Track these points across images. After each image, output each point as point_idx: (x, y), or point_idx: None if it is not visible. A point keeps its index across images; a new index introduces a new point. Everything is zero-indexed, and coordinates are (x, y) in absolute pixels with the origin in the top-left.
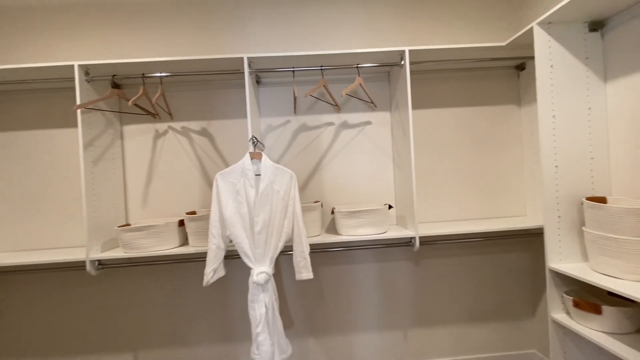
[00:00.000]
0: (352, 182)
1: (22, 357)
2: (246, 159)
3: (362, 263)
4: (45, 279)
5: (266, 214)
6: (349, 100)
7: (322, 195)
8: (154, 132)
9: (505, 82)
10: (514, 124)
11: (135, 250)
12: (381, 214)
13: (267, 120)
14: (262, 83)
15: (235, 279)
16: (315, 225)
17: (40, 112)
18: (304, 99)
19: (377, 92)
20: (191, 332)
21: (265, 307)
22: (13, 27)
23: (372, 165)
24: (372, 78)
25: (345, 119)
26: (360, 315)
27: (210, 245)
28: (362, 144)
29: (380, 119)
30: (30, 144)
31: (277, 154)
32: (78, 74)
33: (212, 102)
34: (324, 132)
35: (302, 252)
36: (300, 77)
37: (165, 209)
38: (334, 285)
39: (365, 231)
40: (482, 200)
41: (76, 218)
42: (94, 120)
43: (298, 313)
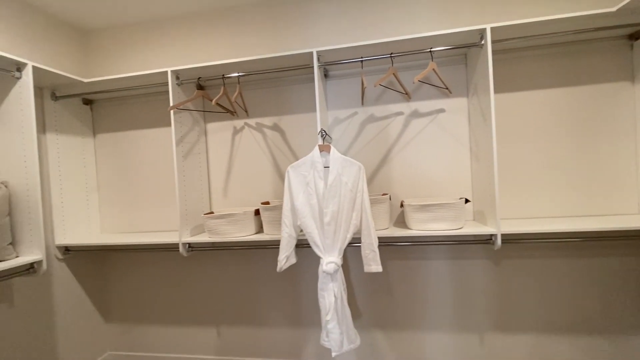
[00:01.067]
0: (422, 174)
1: (124, 320)
2: (315, 151)
3: (435, 259)
4: (145, 257)
5: (335, 205)
6: (419, 88)
7: (390, 188)
8: (233, 129)
9: (614, 55)
10: (624, 104)
11: (218, 236)
12: (456, 208)
13: (335, 112)
14: (330, 76)
15: (306, 267)
16: (383, 219)
17: (140, 114)
18: (371, 90)
19: (452, 77)
20: (265, 314)
21: (334, 296)
22: (118, 43)
23: (446, 156)
24: (446, 62)
25: (415, 108)
26: (432, 313)
27: (282, 234)
28: (435, 134)
29: (456, 106)
30: (133, 142)
31: (344, 147)
32: (171, 78)
33: (283, 98)
34: (392, 123)
35: (370, 245)
36: (368, 67)
37: (243, 199)
38: (403, 280)
39: (438, 226)
40: (579, 195)
41: (171, 206)
42: (184, 119)
43: (365, 305)
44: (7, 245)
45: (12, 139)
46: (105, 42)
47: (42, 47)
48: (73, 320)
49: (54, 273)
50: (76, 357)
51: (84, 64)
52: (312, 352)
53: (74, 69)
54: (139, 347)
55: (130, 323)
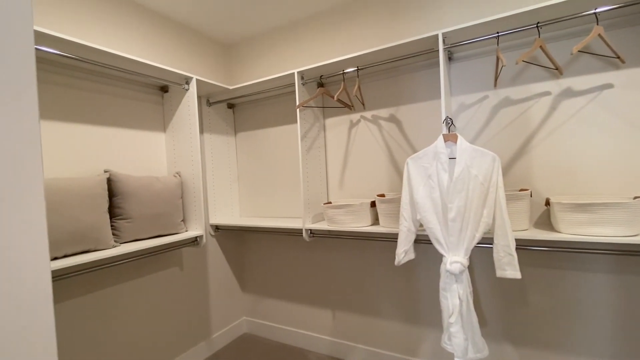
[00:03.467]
0: (575, 166)
1: (256, 292)
2: (439, 141)
3: (588, 271)
4: (275, 239)
5: (461, 200)
6: (575, 60)
7: (529, 183)
8: (349, 123)
9: None
10: None
11: (336, 225)
12: (631, 209)
13: (459, 98)
14: (454, 59)
15: (424, 264)
16: (522, 218)
17: (271, 114)
18: (507, 69)
19: (626, 43)
20: (378, 305)
21: (459, 298)
22: (252, 53)
23: (609, 143)
24: (614, 25)
25: (568, 85)
26: (581, 333)
27: (401, 227)
28: (595, 116)
29: (630, 79)
30: (266, 139)
31: (470, 136)
32: (297, 79)
33: (401, 87)
34: (534, 105)
35: (506, 247)
36: (503, 43)
37: (358, 191)
38: (543, 291)
39: (600, 231)
40: None
41: (296, 195)
42: (307, 116)
43: (493, 313)
44: (180, 221)
45: (184, 138)
46: (243, 53)
47: (199, 62)
48: (220, 286)
49: (208, 246)
50: (221, 317)
51: (228, 73)
52: (430, 352)
53: (220, 78)
54: (267, 317)
55: (261, 295)
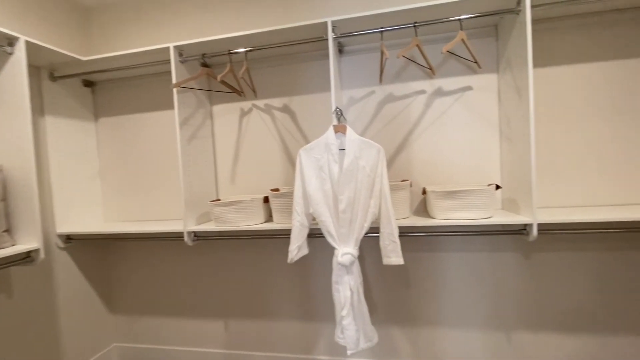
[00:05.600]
0: (445, 159)
1: (130, 311)
2: (330, 132)
3: (458, 251)
4: (151, 247)
5: (351, 191)
6: (444, 64)
7: (410, 174)
8: (240, 111)
9: None
10: None
11: (226, 224)
12: (486, 195)
13: (349, 92)
14: (345, 52)
15: (319, 258)
16: (404, 207)
17: (143, 97)
18: (390, 66)
19: (481, 51)
20: (275, 307)
21: (350, 290)
22: (120, 21)
23: (472, 138)
24: (473, 35)
25: (439, 86)
26: (454, 309)
27: (294, 222)
28: (460, 114)
29: (484, 83)
30: (137, 126)
31: (359, 129)
32: (173, 55)
33: (294, 77)
34: (413, 102)
35: (390, 235)
36: (388, 41)
37: (251, 186)
38: (423, 273)
39: (465, 215)
40: (626, 182)
41: (177, 193)
42: (187, 100)
43: (382, 299)
44: (2, 232)
45: (7, 119)
46: (107, 20)
47: (38, 23)
48: (77, 311)
49: (55, 262)
50: (80, 349)
51: (85, 43)
52: (325, 348)
53: (73, 48)
54: (146, 339)
55: (136, 314)
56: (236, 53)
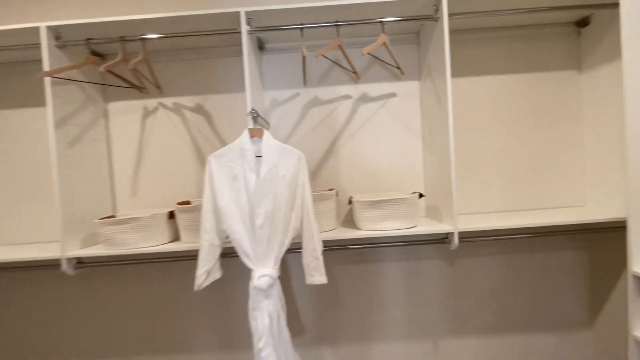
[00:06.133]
0: (372, 166)
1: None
2: (244, 137)
3: (385, 262)
4: (15, 279)
5: (269, 204)
6: (369, 69)
7: (337, 182)
8: (143, 110)
9: (562, 42)
10: (572, 93)
11: (118, 247)
12: (410, 204)
13: (272, 93)
14: (266, 49)
15: (237, 279)
16: (329, 218)
17: (7, 88)
18: (314, 67)
19: (404, 58)
20: (187, 339)
21: (269, 316)
22: None
23: (397, 145)
24: (397, 41)
25: (364, 91)
26: (383, 322)
27: (202, 242)
28: (385, 121)
29: (407, 90)
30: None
31: (283, 134)
32: (46, 38)
33: (209, 73)
34: (339, 107)
35: (313, 251)
36: (311, 41)
37: (158, 199)
38: (351, 287)
39: (390, 225)
40: (533, 188)
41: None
42: (69, 94)
43: (310, 318)
44: None
45: None
46: None
47: None
48: None
49: None
50: None
51: None
52: None
53: None
54: None
55: None
56: (132, 40)
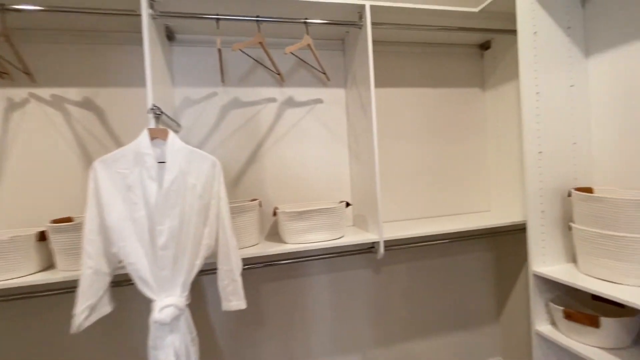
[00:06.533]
0: (299, 174)
1: None
2: (143, 138)
3: (310, 276)
4: None
5: (175, 219)
6: (295, 72)
7: (261, 192)
8: (6, 102)
9: (469, 62)
10: (477, 109)
11: None
12: (337, 213)
13: (184, 91)
14: (178, 40)
15: (134, 313)
16: (251, 232)
17: None
18: (235, 66)
19: (330, 64)
20: None
21: (175, 355)
22: None
23: (324, 153)
24: (323, 46)
25: (290, 95)
26: (311, 339)
27: (84, 270)
28: (312, 127)
29: (334, 97)
30: None
31: (198, 138)
32: None
33: (103, 62)
34: (263, 110)
35: (230, 272)
36: (231, 37)
37: (31, 215)
38: (276, 304)
39: (317, 237)
40: (447, 195)
41: None
42: None
43: (231, 345)
44: None
45: None
46: None
47: None
48: None
49: None
50: None
51: None
52: None
53: None
54: None
55: None
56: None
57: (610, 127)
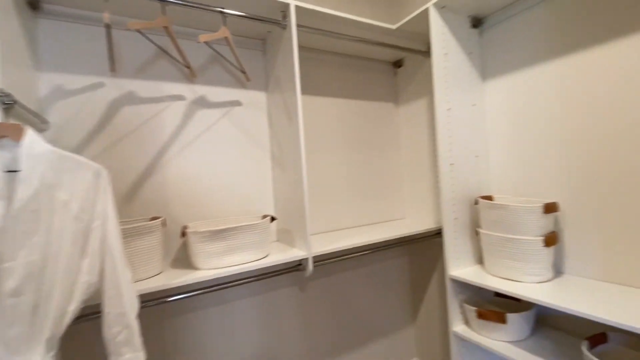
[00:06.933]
0: (213, 185)
1: None
2: None
3: (230, 302)
4: None
5: (34, 251)
6: (209, 68)
7: (165, 208)
8: None
9: (385, 78)
10: (392, 123)
11: None
12: (261, 230)
13: (55, 77)
14: (45, 11)
15: None
16: (153, 259)
17: None
18: (131, 52)
19: (249, 65)
20: None
21: None
22: None
23: (243, 162)
24: (241, 43)
25: (202, 94)
26: None
27: None
28: (229, 132)
29: (254, 100)
30: None
31: (74, 140)
32: None
33: None
34: (167, 110)
35: (121, 317)
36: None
37: None
38: (187, 342)
39: (237, 258)
40: (367, 204)
41: None
42: None
43: None
44: None
45: None
46: None
47: None
48: None
49: None
50: None
51: None
52: None
53: None
54: None
55: None
56: None
57: (502, 142)
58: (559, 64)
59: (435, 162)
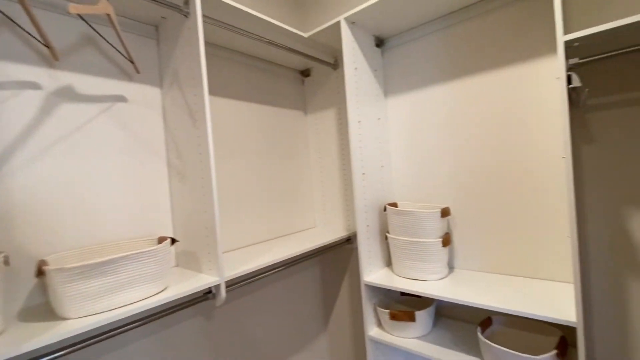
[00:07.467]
0: (85, 202)
1: None
2: None
3: (119, 349)
4: None
5: None
6: (80, 51)
7: (9, 237)
8: None
9: (293, 85)
10: (301, 131)
11: None
12: (159, 256)
13: None
14: None
15: None
16: None
17: None
18: None
19: (139, 54)
20: None
21: None
22: None
23: (130, 171)
24: (130, 27)
25: (69, 83)
26: None
27: None
28: (109, 134)
29: (144, 96)
30: None
31: None
32: None
33: None
34: (12, 101)
35: None
36: None
37: None
38: None
39: (125, 298)
40: (278, 215)
41: None
42: None
43: None
44: None
45: None
46: None
47: None
48: None
49: None
50: None
51: None
52: None
53: None
54: None
55: None
56: None
57: (402, 154)
58: (449, 87)
59: (344, 171)
